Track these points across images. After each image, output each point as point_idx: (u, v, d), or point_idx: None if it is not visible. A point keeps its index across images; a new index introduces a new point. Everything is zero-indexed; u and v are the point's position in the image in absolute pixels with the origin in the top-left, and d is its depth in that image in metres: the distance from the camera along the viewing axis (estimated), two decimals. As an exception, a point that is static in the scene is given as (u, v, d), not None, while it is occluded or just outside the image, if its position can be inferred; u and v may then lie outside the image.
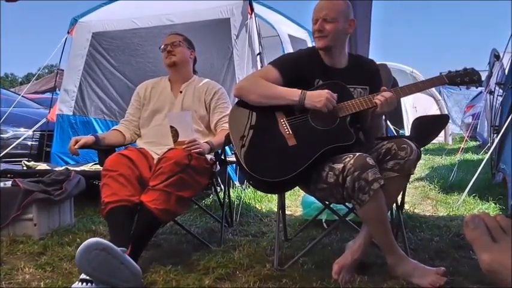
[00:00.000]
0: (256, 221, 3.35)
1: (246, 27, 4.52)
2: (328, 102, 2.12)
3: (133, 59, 4.92)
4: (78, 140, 2.57)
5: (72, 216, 3.29)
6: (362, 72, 2.35)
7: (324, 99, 2.11)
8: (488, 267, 0.80)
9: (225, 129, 2.62)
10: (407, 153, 2.04)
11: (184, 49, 2.82)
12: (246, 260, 2.34)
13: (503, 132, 3.95)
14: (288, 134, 2.15)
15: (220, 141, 2.61)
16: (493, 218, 0.85)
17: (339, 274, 2.03)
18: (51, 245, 2.68)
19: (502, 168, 4.04)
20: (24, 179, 3.07)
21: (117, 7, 5.16)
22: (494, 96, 5.69)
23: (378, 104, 2.12)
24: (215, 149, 2.63)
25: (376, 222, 2.02)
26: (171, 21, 4.75)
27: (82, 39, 5.10)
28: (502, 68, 5.66)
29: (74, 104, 5.07)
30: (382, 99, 2.12)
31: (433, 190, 4.54)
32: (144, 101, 2.84)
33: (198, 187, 2.50)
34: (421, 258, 2.31)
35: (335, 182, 2.00)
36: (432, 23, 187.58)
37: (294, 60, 2.33)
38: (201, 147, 2.45)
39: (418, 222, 3.14)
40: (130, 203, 2.25)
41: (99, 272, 1.92)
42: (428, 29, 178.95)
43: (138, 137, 2.84)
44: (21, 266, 2.33)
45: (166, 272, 2.17)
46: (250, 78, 2.38)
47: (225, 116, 2.68)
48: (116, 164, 2.35)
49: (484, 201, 3.73)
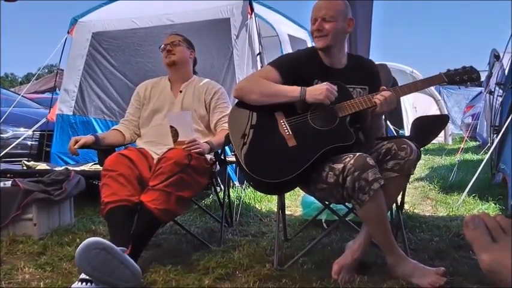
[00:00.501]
0: (256, 221, 3.35)
1: (246, 27, 4.52)
2: (329, 93, 2.12)
3: (134, 58, 4.93)
4: (78, 140, 2.57)
5: (72, 216, 3.29)
6: (361, 72, 2.35)
7: (325, 91, 2.12)
8: (488, 267, 0.80)
9: (224, 129, 2.62)
10: (407, 153, 2.04)
11: (184, 49, 2.82)
12: (245, 260, 2.34)
13: (503, 132, 3.95)
14: (288, 134, 2.15)
15: (220, 141, 2.61)
16: (493, 218, 0.85)
17: (338, 274, 2.03)
18: (51, 244, 2.68)
19: (501, 168, 4.04)
20: (24, 179, 3.07)
21: (117, 7, 5.16)
22: (494, 97, 5.69)
23: (377, 103, 2.12)
24: (215, 149, 2.63)
25: (376, 222, 2.02)
26: (171, 21, 4.76)
27: (82, 39, 5.10)
28: (502, 68, 5.66)
29: (74, 104, 5.07)
30: (381, 99, 2.12)
31: (433, 190, 4.54)
32: (144, 101, 2.84)
33: (198, 187, 2.50)
34: (420, 258, 2.31)
35: (335, 182, 2.00)
36: (432, 23, 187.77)
37: (293, 61, 2.33)
38: (200, 147, 2.45)
39: (417, 222, 3.14)
40: (130, 203, 2.25)
41: (99, 272, 1.92)
42: (428, 29, 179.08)
43: (138, 136, 2.84)
44: (21, 265, 2.33)
45: (166, 272, 2.17)
46: (249, 78, 2.39)
47: (225, 116, 2.68)
48: (115, 164, 2.35)
49: (484, 201, 3.73)
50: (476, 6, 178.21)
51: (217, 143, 2.61)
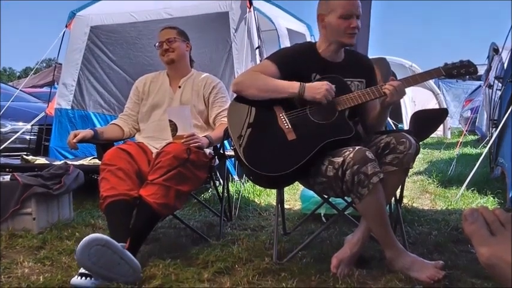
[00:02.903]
0: (255, 215, 3.36)
1: (244, 21, 4.51)
2: (327, 93, 2.12)
3: (132, 52, 4.91)
4: (76, 134, 2.56)
5: (71, 210, 3.29)
6: (358, 66, 2.36)
7: (324, 90, 2.11)
8: (486, 260, 0.80)
9: (223, 123, 2.61)
10: (406, 147, 2.04)
11: (180, 43, 2.78)
12: (244, 253, 2.34)
13: (502, 126, 3.95)
14: (287, 128, 2.15)
15: (219, 136, 2.61)
16: (492, 211, 0.85)
17: (337, 268, 2.04)
18: (50, 239, 2.68)
19: (500, 162, 4.05)
20: (23, 173, 3.07)
21: (115, 1, 5.14)
22: (493, 90, 5.68)
23: (387, 93, 2.12)
24: (214, 144, 2.62)
25: (375, 216, 2.02)
26: (169, 15, 4.74)
27: (80, 33, 5.07)
28: (501, 62, 5.65)
29: (73, 98, 5.05)
30: (391, 88, 2.11)
31: (432, 184, 4.54)
32: (143, 96, 2.83)
33: (197, 181, 2.50)
34: (419, 252, 2.32)
35: (334, 175, 2.01)
36: (431, 17, 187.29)
37: (291, 55, 2.33)
38: (199, 141, 2.44)
39: (416, 216, 3.15)
40: (129, 197, 2.25)
41: (99, 267, 1.93)
42: (427, 23, 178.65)
43: (136, 131, 2.83)
44: (20, 260, 2.33)
45: (165, 266, 2.17)
46: (248, 73, 2.38)
47: (224, 110, 2.68)
48: (114, 158, 2.35)
49: (483, 195, 3.73)
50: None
51: (216, 137, 2.60)
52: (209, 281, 2.05)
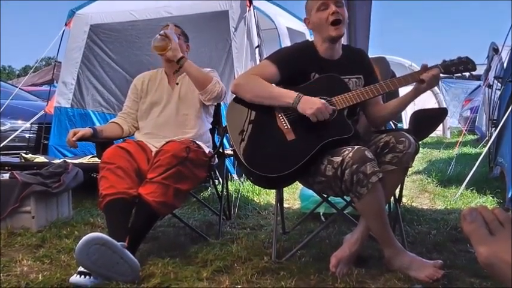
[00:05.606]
0: (254, 214, 3.36)
1: (244, 19, 4.50)
2: (318, 113, 2.05)
3: (132, 51, 4.90)
4: (76, 133, 2.56)
5: (70, 208, 3.29)
6: (355, 62, 2.36)
7: (315, 109, 2.05)
8: (485, 260, 0.80)
9: (213, 75, 2.68)
10: (405, 146, 2.03)
11: (182, 43, 2.78)
12: (244, 252, 2.35)
13: (501, 126, 3.95)
14: (286, 128, 2.14)
15: (200, 70, 2.64)
16: (491, 211, 0.85)
17: (336, 267, 2.04)
18: (49, 237, 2.68)
19: (499, 161, 4.05)
20: (22, 172, 3.07)
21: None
22: (493, 90, 5.68)
23: (425, 80, 2.11)
24: (192, 69, 2.62)
25: (374, 216, 2.02)
26: (169, 14, 4.73)
27: (80, 31, 5.07)
28: (501, 62, 5.65)
29: (72, 97, 5.05)
30: (429, 76, 2.10)
31: (431, 183, 4.54)
32: (141, 94, 2.83)
33: (196, 180, 2.50)
34: (418, 251, 2.32)
35: (333, 175, 2.01)
36: (431, 17, 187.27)
37: (290, 55, 2.32)
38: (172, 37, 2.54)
39: (415, 215, 3.15)
40: (128, 196, 2.25)
41: (98, 266, 1.93)
42: (427, 23, 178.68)
43: (136, 129, 2.83)
44: (19, 258, 2.33)
45: (164, 265, 2.17)
46: (247, 76, 2.34)
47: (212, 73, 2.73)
48: (113, 157, 2.35)
49: (482, 194, 3.74)
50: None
51: (197, 68, 2.63)
52: (208, 280, 2.05)
